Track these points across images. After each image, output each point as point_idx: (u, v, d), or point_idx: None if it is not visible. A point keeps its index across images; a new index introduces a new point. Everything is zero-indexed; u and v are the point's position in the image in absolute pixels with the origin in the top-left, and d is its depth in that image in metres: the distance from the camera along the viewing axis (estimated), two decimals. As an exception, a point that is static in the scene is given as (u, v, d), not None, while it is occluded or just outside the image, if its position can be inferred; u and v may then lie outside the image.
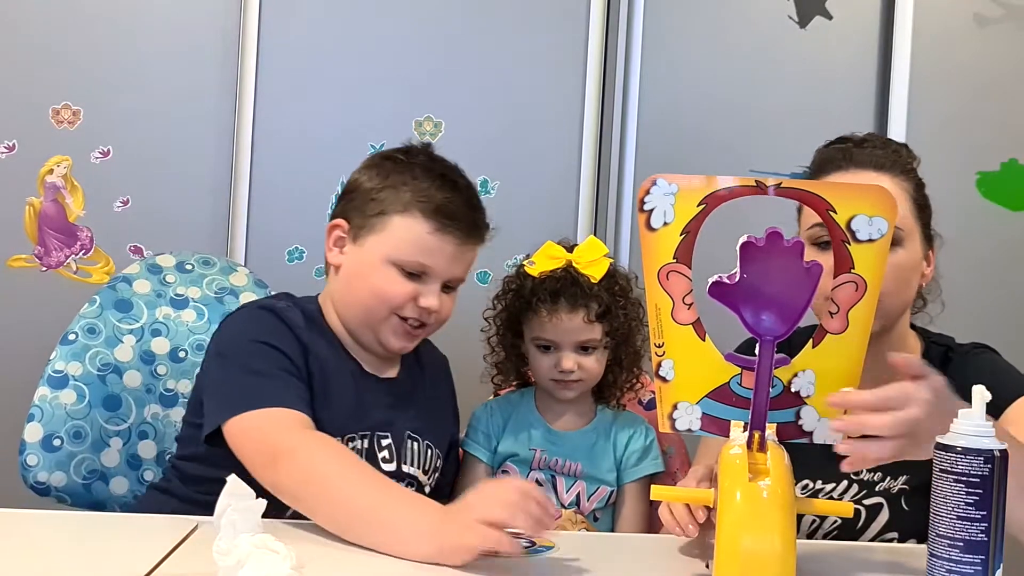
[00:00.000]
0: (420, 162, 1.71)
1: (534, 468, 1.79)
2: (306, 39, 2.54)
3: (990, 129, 2.61)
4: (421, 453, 1.71)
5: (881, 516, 1.58)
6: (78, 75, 2.51)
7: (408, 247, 1.65)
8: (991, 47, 2.63)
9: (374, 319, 1.67)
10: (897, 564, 1.43)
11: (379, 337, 1.68)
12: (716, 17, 2.62)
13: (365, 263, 1.67)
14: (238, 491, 1.20)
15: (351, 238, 1.69)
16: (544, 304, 1.76)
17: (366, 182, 1.70)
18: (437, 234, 1.65)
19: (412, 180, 1.67)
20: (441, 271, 1.66)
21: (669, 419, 1.32)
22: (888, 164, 1.63)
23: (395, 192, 1.66)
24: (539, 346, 1.79)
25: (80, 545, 1.35)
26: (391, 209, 1.66)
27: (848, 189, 1.27)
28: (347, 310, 1.70)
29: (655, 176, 1.26)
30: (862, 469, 1.51)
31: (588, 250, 1.79)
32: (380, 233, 1.66)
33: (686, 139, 2.60)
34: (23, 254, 2.50)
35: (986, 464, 1.14)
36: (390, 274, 1.65)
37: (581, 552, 1.43)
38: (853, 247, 1.24)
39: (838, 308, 1.26)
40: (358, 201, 1.69)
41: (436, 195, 1.66)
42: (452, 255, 1.66)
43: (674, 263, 1.27)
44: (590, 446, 1.80)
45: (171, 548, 1.31)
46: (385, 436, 1.67)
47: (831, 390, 1.26)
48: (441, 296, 1.68)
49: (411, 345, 1.71)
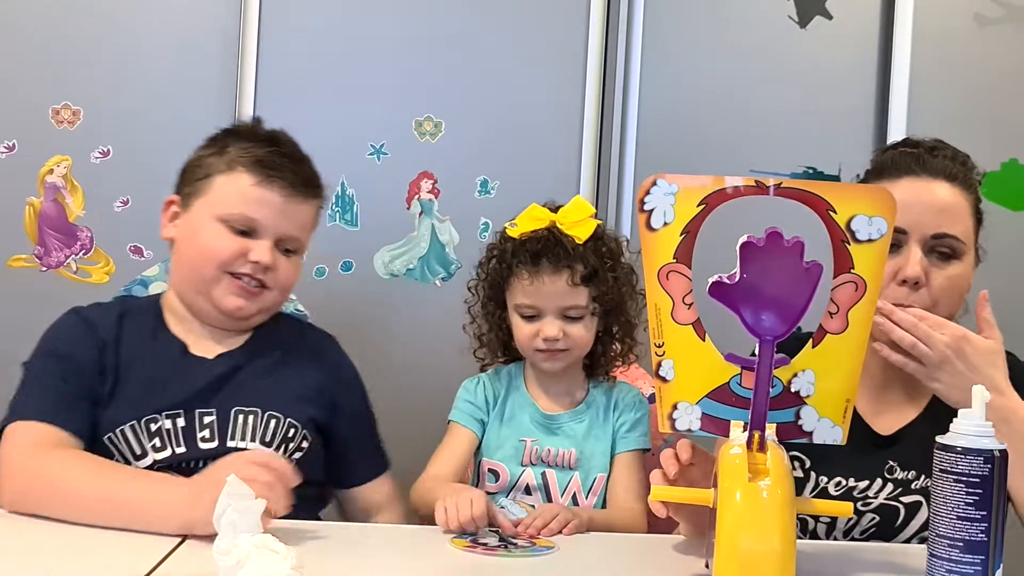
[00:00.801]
0: (244, 128, 1.78)
1: (525, 464, 1.71)
2: (306, 39, 2.54)
3: (990, 129, 2.60)
4: (259, 426, 1.65)
5: (920, 514, 1.56)
6: (78, 75, 2.50)
7: (232, 201, 1.66)
8: (991, 47, 2.63)
9: (206, 280, 1.66)
10: (896, 564, 1.43)
11: (213, 300, 1.67)
12: (716, 17, 2.62)
13: (193, 225, 1.68)
14: (238, 491, 1.21)
15: (182, 208, 1.71)
16: (525, 266, 1.67)
17: (194, 155, 1.74)
18: (261, 186, 1.66)
19: (235, 142, 1.71)
20: (269, 224, 1.66)
21: (669, 419, 1.32)
22: (960, 176, 1.61)
23: (219, 156, 1.69)
24: (522, 314, 1.70)
25: (80, 545, 1.35)
26: (215, 170, 1.68)
27: (848, 189, 1.27)
28: (182, 281, 1.71)
29: (655, 176, 1.26)
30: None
31: (573, 210, 1.70)
32: (206, 194, 1.68)
33: (686, 139, 2.60)
34: (23, 254, 2.50)
35: (986, 464, 1.14)
36: (217, 230, 1.65)
37: (581, 552, 1.44)
38: (853, 247, 1.24)
39: (838, 308, 1.27)
40: (188, 175, 1.72)
41: (257, 150, 1.68)
42: (279, 208, 1.67)
43: (674, 263, 1.27)
44: (584, 432, 1.73)
45: (171, 548, 1.32)
46: (208, 413, 1.64)
47: (831, 390, 1.27)
48: (278, 256, 1.67)
49: (249, 305, 1.68)
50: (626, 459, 1.73)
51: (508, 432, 1.74)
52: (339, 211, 2.53)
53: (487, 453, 1.75)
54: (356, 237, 2.54)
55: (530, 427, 1.74)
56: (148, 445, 1.60)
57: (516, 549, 1.41)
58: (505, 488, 1.73)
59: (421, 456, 2.02)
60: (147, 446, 1.60)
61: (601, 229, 1.72)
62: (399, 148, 2.55)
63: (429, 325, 2.52)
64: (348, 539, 1.43)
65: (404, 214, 2.55)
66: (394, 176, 2.55)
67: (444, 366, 1.92)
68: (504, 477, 1.72)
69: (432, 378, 2.40)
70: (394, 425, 2.47)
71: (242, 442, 1.63)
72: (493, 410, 1.76)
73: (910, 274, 1.52)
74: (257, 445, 1.64)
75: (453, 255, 2.55)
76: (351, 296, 2.53)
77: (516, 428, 1.74)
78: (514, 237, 1.70)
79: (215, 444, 1.62)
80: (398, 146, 2.55)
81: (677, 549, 1.44)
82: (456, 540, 1.43)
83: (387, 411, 2.47)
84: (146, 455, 1.59)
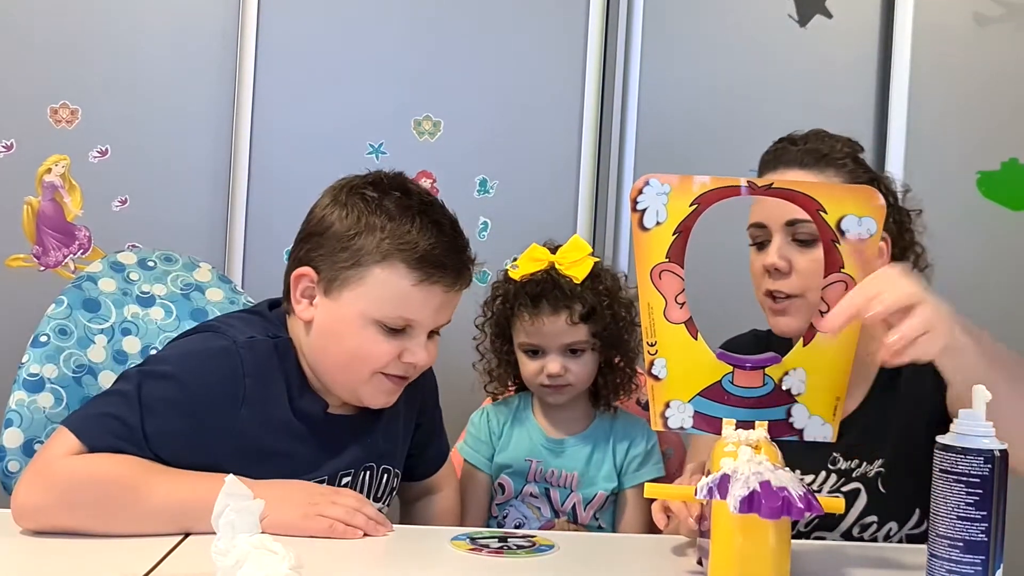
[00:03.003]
0: (396, 199, 1.51)
1: (529, 480, 1.78)
2: (304, 38, 2.55)
3: (990, 129, 2.60)
4: (376, 481, 1.61)
5: (859, 501, 1.58)
6: (76, 74, 2.51)
7: (390, 303, 1.48)
8: (991, 47, 2.62)
9: (354, 380, 1.52)
10: (896, 564, 1.43)
11: (359, 396, 1.54)
12: (716, 16, 2.62)
13: (341, 321, 1.49)
14: (236, 491, 1.20)
15: (322, 291, 1.51)
16: (526, 308, 1.73)
17: (335, 223, 1.50)
18: (422, 285, 1.47)
19: (389, 223, 1.48)
20: (427, 323, 1.51)
21: (661, 417, 1.32)
22: (817, 163, 1.60)
23: (371, 238, 1.47)
24: (526, 351, 1.77)
25: (79, 545, 1.35)
26: (368, 260, 1.47)
27: (838, 190, 1.28)
28: (322, 369, 1.54)
29: (647, 176, 1.27)
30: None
31: (571, 250, 1.75)
32: (357, 287, 1.48)
33: (686, 138, 2.60)
34: (21, 253, 2.50)
35: (986, 464, 1.13)
36: (371, 333, 1.48)
37: (581, 552, 1.44)
38: (843, 246, 1.25)
39: (828, 307, 1.27)
40: (327, 248, 1.50)
41: (420, 241, 1.47)
42: (439, 305, 1.51)
43: (667, 262, 1.28)
44: (588, 455, 1.78)
45: (170, 548, 1.32)
46: (347, 474, 1.57)
47: (821, 388, 1.28)
48: (428, 343, 1.53)
49: (394, 399, 1.57)
50: (637, 493, 1.77)
51: (515, 454, 1.80)
52: (338, 210, 2.53)
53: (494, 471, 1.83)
54: (355, 236, 2.54)
55: (537, 449, 1.80)
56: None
57: (517, 549, 1.41)
58: (511, 498, 1.81)
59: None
60: None
61: (599, 267, 1.78)
62: (398, 147, 2.55)
63: (428, 324, 2.52)
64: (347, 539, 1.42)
65: (403, 213, 2.55)
66: (393, 175, 2.55)
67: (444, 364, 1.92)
68: (509, 490, 1.80)
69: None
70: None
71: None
72: (499, 439, 1.83)
73: (768, 263, 1.54)
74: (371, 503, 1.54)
75: (452, 254, 2.55)
76: (350, 295, 2.53)
77: (523, 450, 1.80)
78: (515, 279, 1.76)
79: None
80: (397, 145, 2.55)
81: (676, 549, 1.44)
82: (457, 541, 1.43)
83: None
84: None
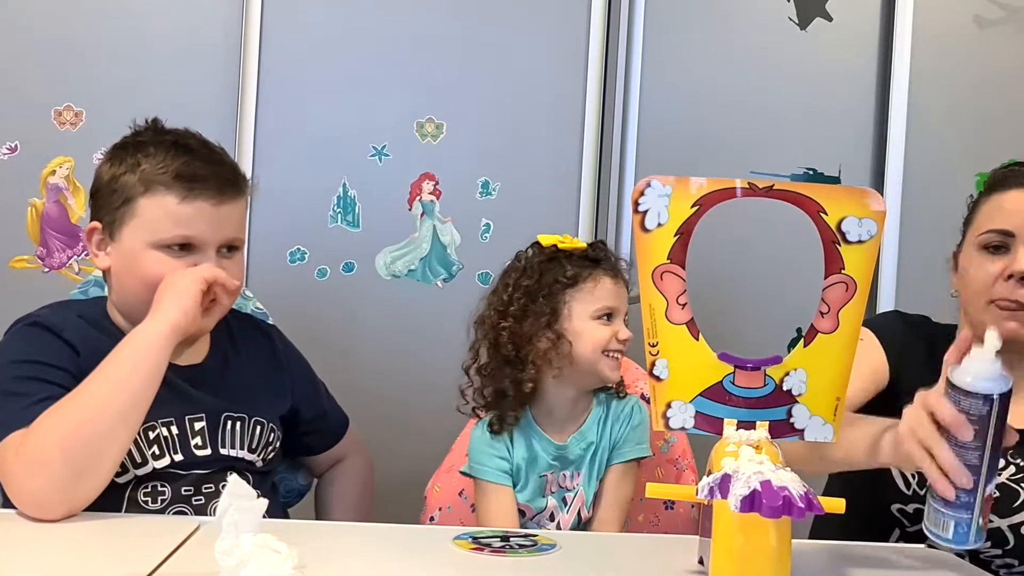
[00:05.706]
0: (148, 138, 1.64)
1: (547, 495, 1.76)
2: (308, 41, 2.55)
3: (990, 129, 2.61)
4: (246, 432, 1.65)
5: None
6: (80, 76, 2.51)
7: (163, 224, 1.57)
8: (991, 48, 2.63)
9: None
10: (896, 564, 1.44)
11: None
12: (716, 19, 2.63)
13: (129, 255, 1.60)
14: (240, 491, 1.21)
15: (108, 236, 1.62)
16: (604, 270, 1.73)
17: (105, 175, 1.63)
18: (187, 201, 1.57)
19: (145, 158, 1.60)
20: (207, 237, 1.59)
21: (663, 417, 1.33)
22: None
23: (132, 175, 1.59)
24: (600, 317, 1.72)
25: (82, 545, 1.35)
26: (134, 192, 1.58)
27: (838, 192, 1.29)
28: (130, 309, 1.62)
29: (649, 178, 1.28)
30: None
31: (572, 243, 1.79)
32: (131, 221, 1.59)
33: (686, 141, 2.61)
34: (25, 255, 2.51)
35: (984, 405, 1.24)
36: (156, 257, 1.58)
37: (583, 552, 1.45)
38: (843, 248, 1.26)
39: (829, 308, 1.28)
40: (103, 198, 1.62)
41: (172, 163, 1.58)
42: (212, 217, 1.59)
43: (668, 264, 1.28)
44: (588, 449, 1.77)
45: (173, 548, 1.32)
46: (198, 419, 1.61)
47: (822, 388, 1.29)
48: (221, 262, 1.60)
49: (211, 321, 1.62)
50: (618, 470, 1.77)
51: (531, 474, 1.76)
52: (341, 212, 2.54)
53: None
54: (358, 238, 2.55)
55: (549, 463, 1.76)
56: (148, 453, 1.56)
57: (519, 548, 1.42)
58: (532, 519, 1.77)
59: (422, 454, 2.03)
60: (147, 454, 1.56)
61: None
62: (401, 149, 2.56)
63: (430, 326, 2.53)
64: (350, 539, 1.42)
65: (406, 215, 2.56)
66: (396, 177, 2.55)
67: (445, 366, 1.92)
68: (530, 513, 1.77)
69: (433, 378, 2.42)
70: (395, 424, 2.49)
71: (234, 450, 1.62)
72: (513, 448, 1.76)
73: (1016, 269, 1.61)
74: (246, 453, 1.63)
75: (454, 256, 2.56)
76: (352, 297, 2.54)
77: (537, 467, 1.76)
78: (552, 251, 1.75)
79: (208, 451, 1.60)
80: (400, 147, 2.55)
81: (676, 549, 1.44)
82: (459, 541, 1.43)
83: (387, 411, 2.50)
84: (146, 463, 1.56)
